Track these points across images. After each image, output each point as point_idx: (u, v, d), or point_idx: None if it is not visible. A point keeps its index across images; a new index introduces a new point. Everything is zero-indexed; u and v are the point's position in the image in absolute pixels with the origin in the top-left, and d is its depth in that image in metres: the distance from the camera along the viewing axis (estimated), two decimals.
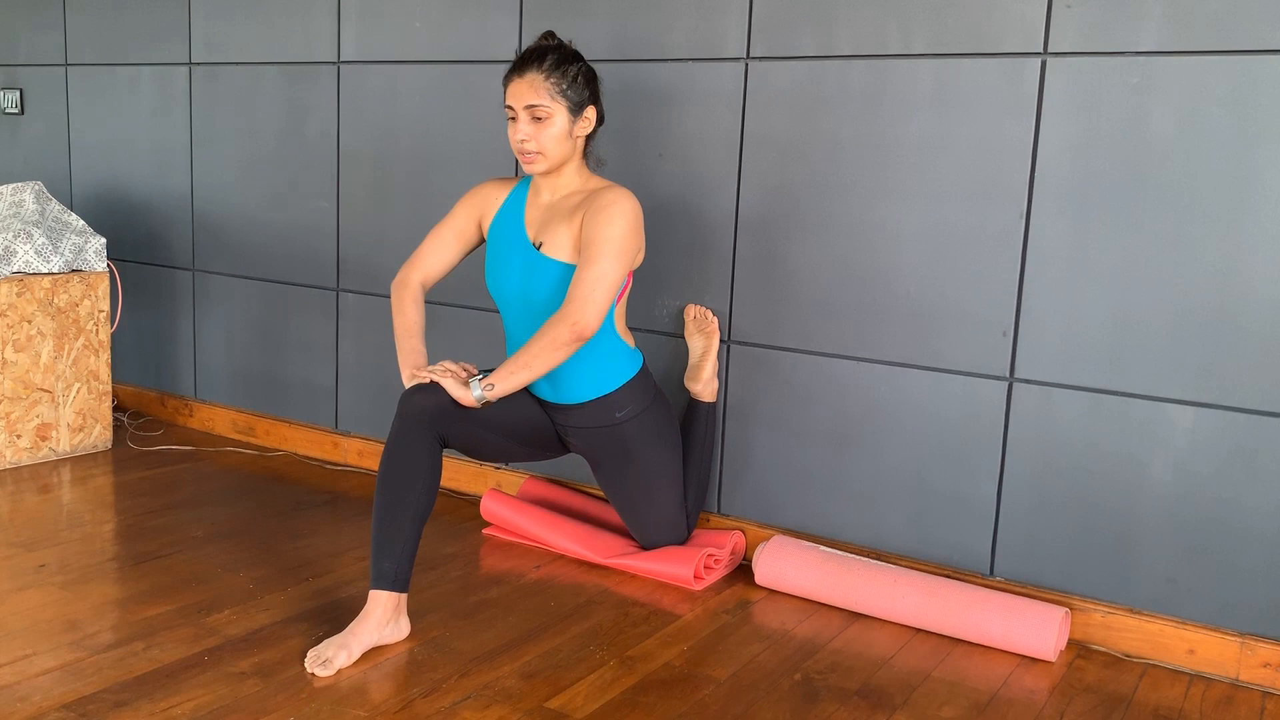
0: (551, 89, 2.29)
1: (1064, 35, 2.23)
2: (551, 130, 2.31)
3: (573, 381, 2.42)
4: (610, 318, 2.42)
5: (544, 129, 2.30)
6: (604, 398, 2.43)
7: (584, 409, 2.44)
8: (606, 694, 2.01)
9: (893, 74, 2.41)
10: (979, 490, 2.41)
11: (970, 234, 2.36)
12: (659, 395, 2.53)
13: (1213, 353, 2.16)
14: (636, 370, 2.48)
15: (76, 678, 1.97)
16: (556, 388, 2.44)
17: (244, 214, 3.50)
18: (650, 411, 2.48)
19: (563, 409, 2.46)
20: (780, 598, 2.49)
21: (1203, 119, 2.12)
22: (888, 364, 2.49)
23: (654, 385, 2.52)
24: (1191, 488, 2.20)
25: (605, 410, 2.44)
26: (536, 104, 2.29)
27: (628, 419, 2.45)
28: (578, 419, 2.46)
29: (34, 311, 3.19)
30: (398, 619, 2.15)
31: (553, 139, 2.31)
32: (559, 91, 2.30)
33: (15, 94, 4.04)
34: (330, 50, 3.24)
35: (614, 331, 2.44)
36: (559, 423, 2.50)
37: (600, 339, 2.41)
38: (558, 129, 2.31)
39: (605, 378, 2.42)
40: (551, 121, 2.30)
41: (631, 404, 2.45)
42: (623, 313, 2.47)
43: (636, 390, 2.46)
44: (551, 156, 2.33)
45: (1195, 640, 2.22)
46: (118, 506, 2.95)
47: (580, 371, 2.41)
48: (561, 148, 2.33)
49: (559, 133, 2.32)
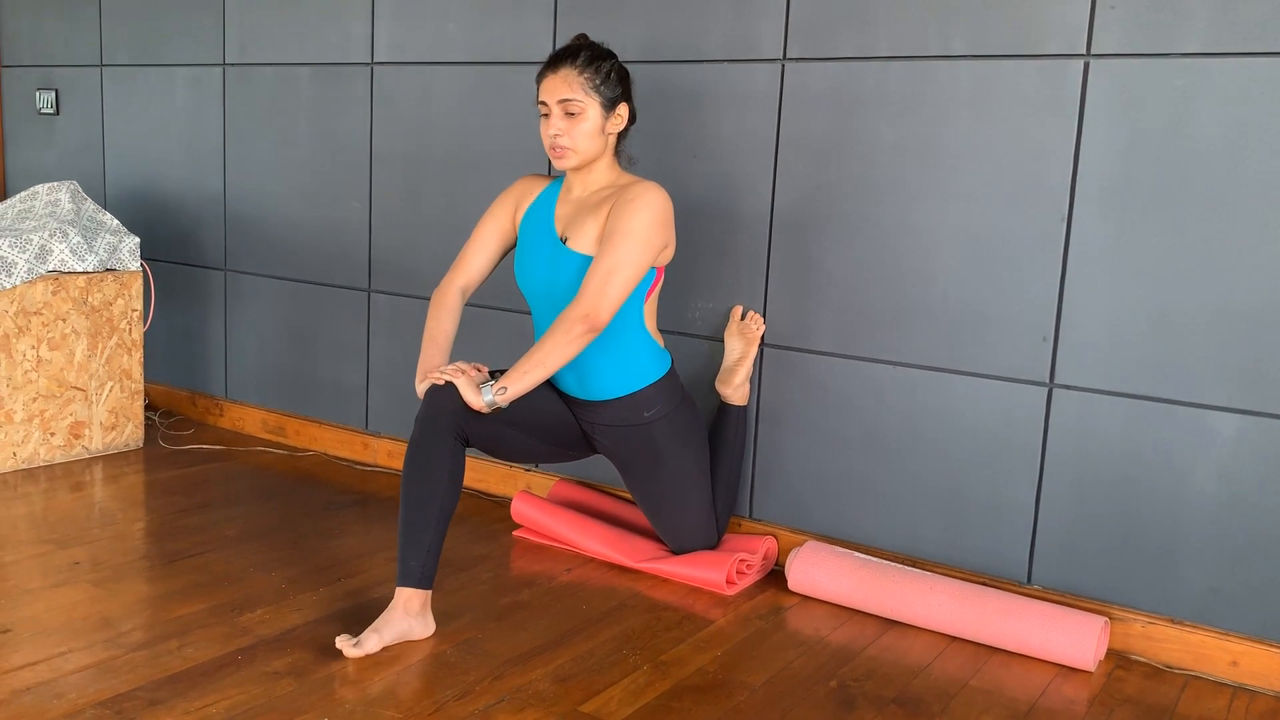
0: (585, 84, 2.29)
1: (1107, 37, 2.20)
2: (584, 125, 2.30)
3: (601, 377, 2.40)
4: (639, 314, 2.41)
5: (576, 124, 2.30)
6: (632, 395, 2.41)
7: (611, 406, 2.43)
8: (640, 699, 1.99)
9: (932, 76, 2.39)
10: (1017, 497, 2.38)
11: (1010, 237, 2.34)
12: (687, 397, 2.51)
13: (1257, 359, 2.12)
14: (665, 370, 2.46)
15: (111, 675, 1.98)
16: (584, 383, 2.43)
17: (276, 214, 3.51)
18: (678, 413, 2.46)
19: (590, 406, 2.45)
20: (814, 604, 2.47)
21: (1249, 122, 2.09)
22: (925, 368, 2.46)
23: (682, 387, 2.51)
24: (1235, 496, 2.17)
25: (633, 409, 2.42)
26: (570, 98, 2.29)
27: (656, 418, 2.43)
28: (605, 417, 2.45)
29: (69, 310, 3.21)
30: (424, 615, 2.16)
31: (585, 134, 2.31)
32: (592, 87, 2.30)
33: (51, 94, 4.07)
34: (364, 51, 3.25)
35: (643, 328, 2.42)
36: (585, 421, 2.48)
37: (629, 335, 2.39)
38: (590, 124, 2.31)
39: (634, 375, 2.41)
40: (584, 116, 2.30)
41: (660, 404, 2.43)
42: (653, 310, 2.46)
43: (665, 390, 2.45)
44: (583, 152, 2.32)
45: (1239, 652, 2.18)
46: (149, 505, 2.95)
47: (609, 367, 2.39)
48: (593, 143, 2.32)
49: (591, 128, 2.31)
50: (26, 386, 3.15)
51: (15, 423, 3.14)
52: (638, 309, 2.40)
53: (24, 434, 3.17)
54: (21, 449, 3.17)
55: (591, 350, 2.35)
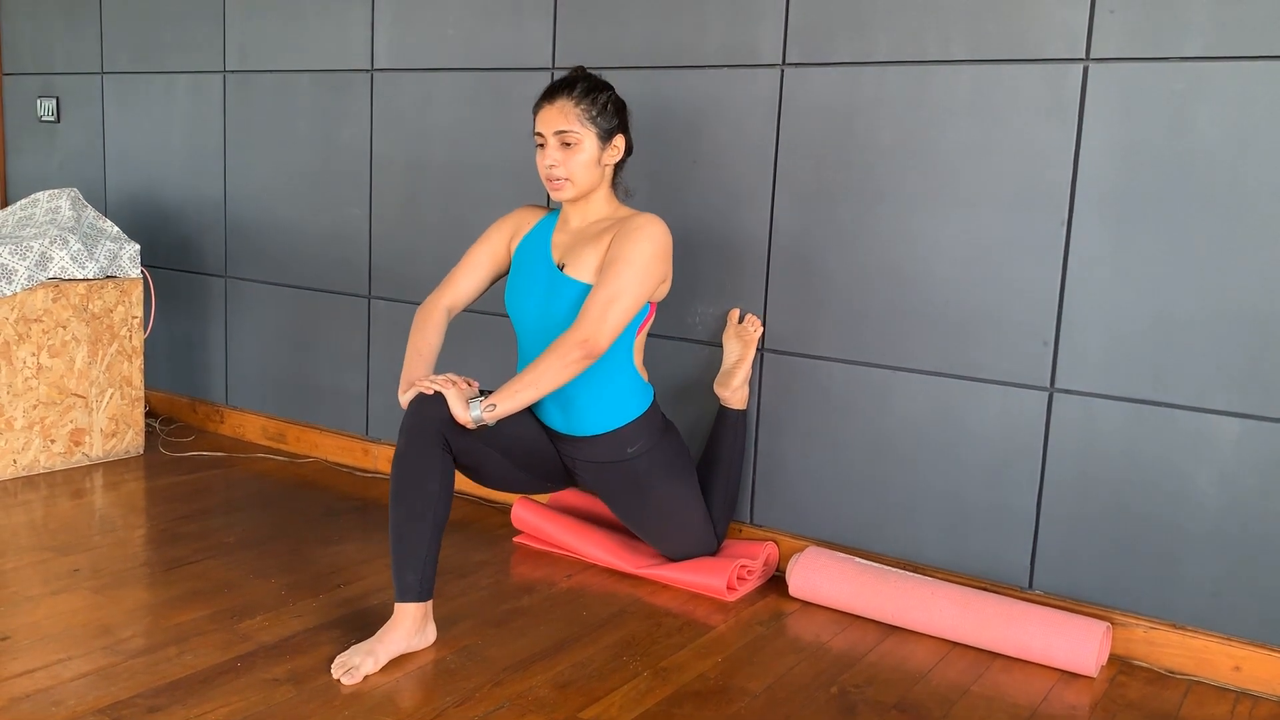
0: (581, 115, 2.29)
1: (1107, 41, 2.20)
2: (580, 157, 2.30)
3: (587, 412, 2.39)
4: (629, 350, 2.40)
5: (572, 155, 2.30)
6: (616, 432, 2.40)
7: (595, 442, 2.42)
8: (641, 705, 1.99)
9: (931, 80, 2.39)
10: (1018, 502, 2.38)
11: (1010, 242, 2.33)
12: (669, 427, 2.50)
13: (1259, 363, 2.12)
14: (648, 405, 2.45)
15: (110, 682, 1.97)
16: (569, 418, 2.41)
17: (277, 221, 3.51)
18: (660, 446, 2.45)
19: (573, 441, 2.44)
20: (815, 610, 2.46)
21: (1249, 126, 2.09)
22: (925, 374, 2.46)
23: (663, 418, 2.50)
24: (1237, 500, 2.16)
25: (617, 445, 2.41)
26: (566, 129, 2.28)
27: (639, 454, 2.42)
28: (588, 453, 2.43)
29: (69, 317, 3.21)
30: (425, 627, 2.14)
31: (581, 165, 2.31)
32: (588, 118, 2.29)
33: (52, 102, 4.07)
34: (364, 58, 3.25)
35: (631, 364, 2.42)
36: (567, 455, 2.47)
37: (618, 371, 2.39)
38: (586, 155, 2.31)
39: (619, 411, 2.40)
40: (580, 148, 2.30)
41: (643, 439, 2.42)
42: (642, 346, 2.45)
43: (647, 425, 2.43)
44: (579, 183, 2.32)
45: (1241, 656, 2.17)
46: (149, 512, 2.95)
47: (595, 403, 2.38)
48: (590, 175, 2.32)
49: (588, 159, 2.31)
50: (27, 393, 3.15)
51: (15, 430, 3.14)
52: (628, 344, 2.39)
53: (24, 441, 3.16)
54: (22, 456, 3.17)
55: (578, 383, 2.34)
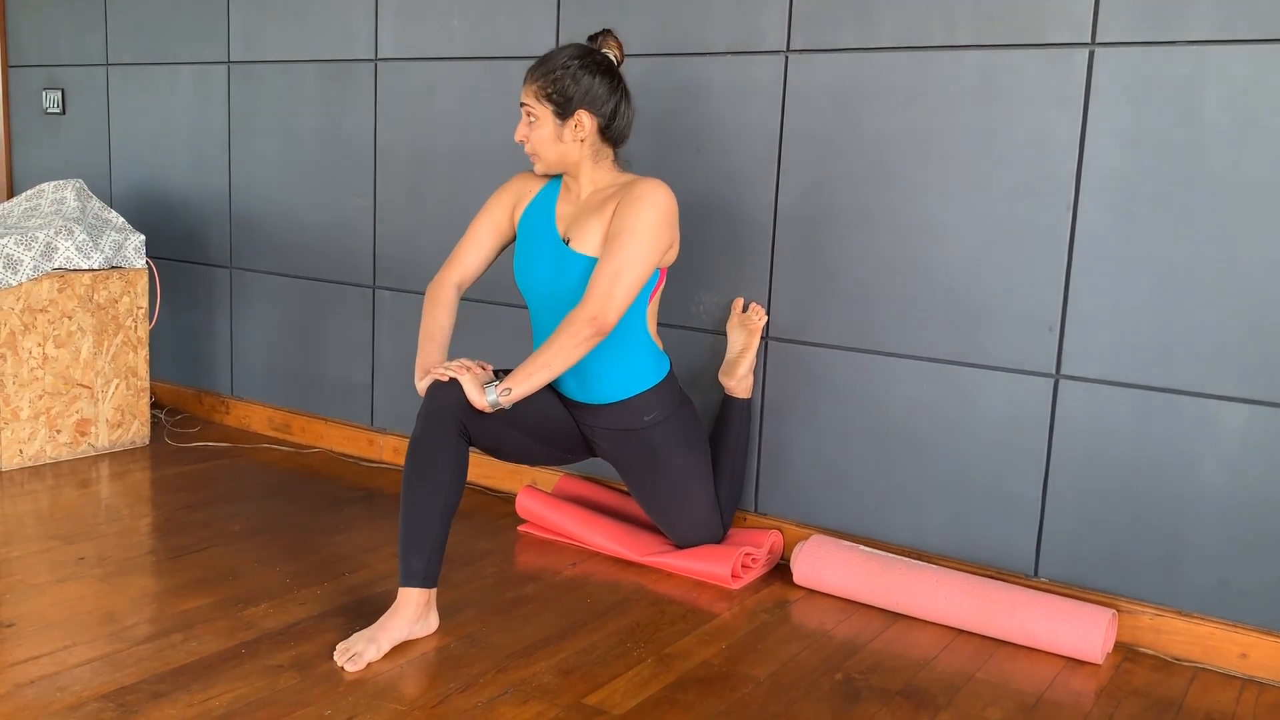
0: (537, 92, 2.30)
1: (1112, 25, 2.18)
2: (540, 132, 2.32)
3: (602, 381, 2.39)
4: (643, 317, 2.40)
5: (535, 131, 2.33)
6: (632, 399, 2.40)
7: (612, 410, 2.42)
8: (644, 691, 1.98)
9: (936, 66, 2.37)
10: (1024, 489, 2.37)
11: (1016, 228, 2.32)
12: (685, 399, 2.50)
13: (1265, 349, 2.11)
14: (665, 374, 2.45)
15: (115, 669, 1.97)
16: (585, 387, 2.42)
17: (281, 212, 3.51)
18: (677, 416, 2.45)
19: (590, 409, 2.44)
20: (819, 597, 2.46)
21: (1256, 110, 2.07)
22: (930, 360, 2.45)
23: (680, 390, 2.49)
24: (1243, 487, 2.15)
25: (633, 413, 2.41)
26: (525, 103, 2.32)
27: (655, 423, 2.42)
28: (605, 420, 2.44)
29: (74, 308, 3.21)
30: (427, 615, 2.14)
31: (541, 140, 2.32)
32: (544, 95, 2.30)
33: (57, 94, 4.08)
34: (368, 48, 3.25)
35: (645, 331, 2.41)
36: (585, 424, 2.47)
37: (631, 338, 2.38)
38: (545, 132, 2.31)
39: (635, 378, 2.40)
40: (540, 124, 2.32)
41: (659, 408, 2.42)
42: (655, 313, 2.44)
43: (664, 394, 2.44)
44: (545, 158, 2.34)
45: (1248, 644, 2.16)
46: (155, 501, 2.96)
47: (610, 371, 2.38)
48: (551, 149, 2.32)
49: (547, 135, 2.32)
50: (32, 384, 3.16)
51: (21, 420, 3.15)
52: (640, 312, 2.39)
53: (30, 431, 3.17)
54: (28, 446, 3.18)
55: (594, 353, 2.34)
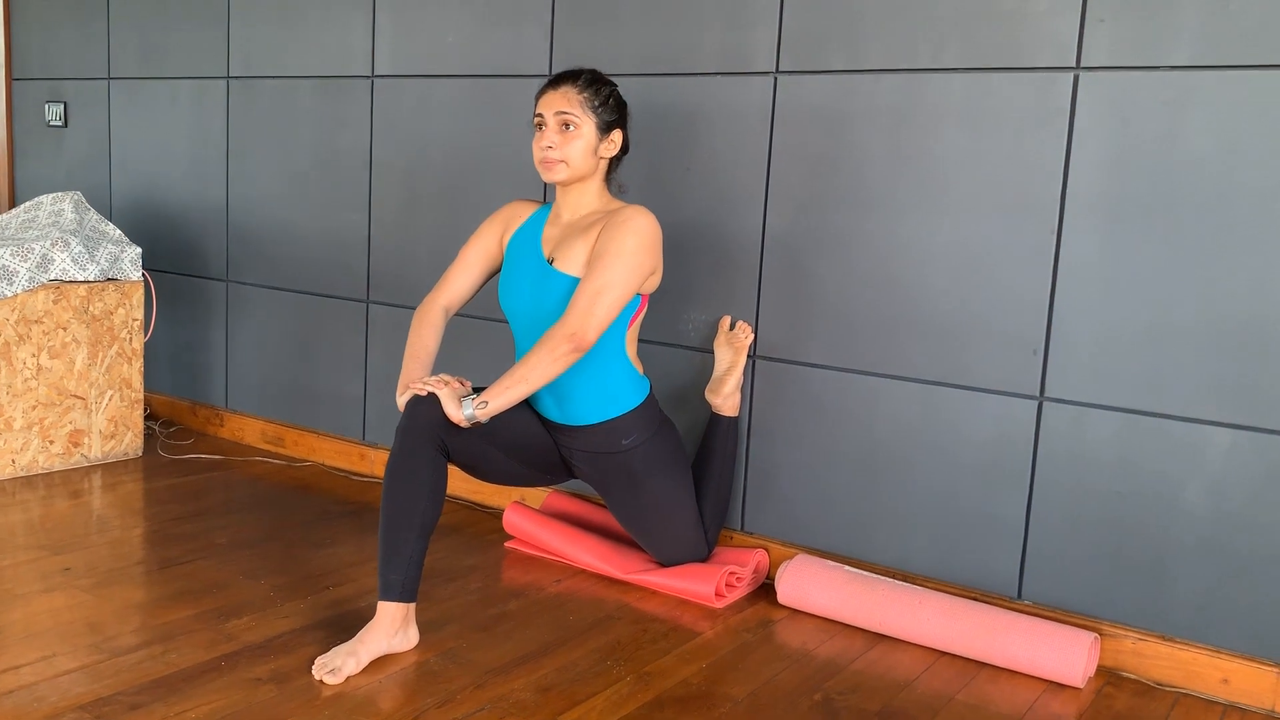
0: (584, 102, 2.31)
1: (1097, 50, 2.20)
2: (578, 142, 2.32)
3: (580, 402, 2.40)
4: (622, 340, 2.41)
5: (570, 139, 2.31)
6: (611, 421, 2.41)
7: (591, 432, 2.42)
8: (622, 709, 1.98)
9: (923, 88, 2.39)
10: (1008, 511, 2.37)
11: (1001, 250, 2.33)
12: (666, 423, 2.51)
13: (1249, 373, 2.11)
14: (644, 398, 2.45)
15: (94, 679, 1.98)
16: (563, 408, 2.42)
17: (277, 226, 3.53)
18: (656, 440, 2.46)
19: (568, 431, 2.44)
20: (803, 618, 2.45)
21: (1238, 135, 2.08)
22: (916, 381, 2.45)
23: (660, 413, 2.50)
24: (1227, 512, 2.15)
25: (612, 436, 2.42)
26: (568, 112, 2.30)
27: (634, 446, 2.43)
28: (583, 442, 2.44)
29: (69, 319, 3.23)
30: (406, 629, 2.14)
31: (578, 151, 2.32)
32: (590, 107, 2.32)
33: (60, 107, 4.11)
34: (365, 65, 3.27)
35: (624, 355, 2.42)
36: (564, 445, 2.48)
37: (610, 361, 2.39)
38: (584, 142, 2.32)
39: (613, 401, 2.41)
40: (579, 133, 2.31)
41: (638, 431, 2.43)
42: (635, 338, 2.45)
43: (643, 418, 2.44)
44: (574, 167, 2.33)
45: (1230, 669, 2.15)
46: (146, 513, 2.97)
47: (588, 392, 2.39)
48: (584, 162, 2.33)
49: (585, 146, 2.32)
50: (26, 394, 3.17)
51: (15, 430, 3.16)
52: (620, 335, 2.40)
53: (23, 441, 3.19)
54: (20, 456, 3.19)
55: (572, 374, 2.35)
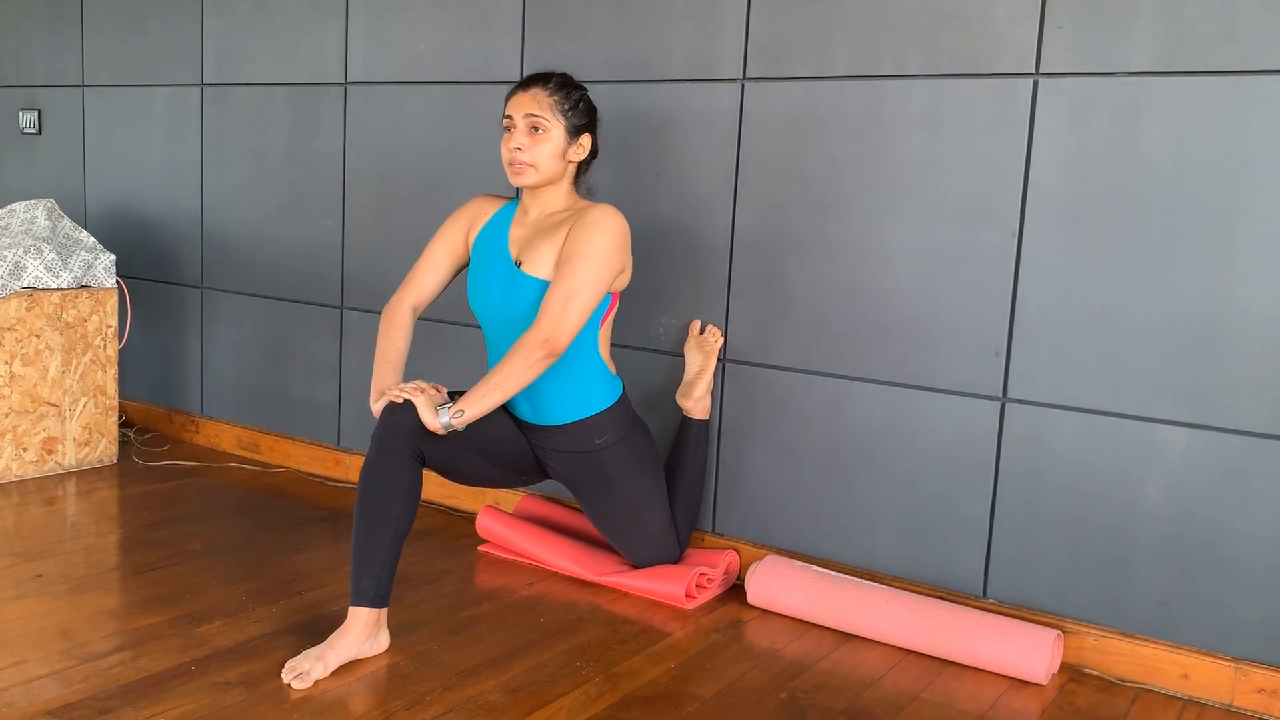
0: (554, 105, 2.33)
1: (1056, 56, 2.23)
2: (546, 145, 2.33)
3: (554, 403, 2.42)
4: (594, 340, 2.42)
5: (539, 142, 2.33)
6: (584, 421, 2.43)
7: (564, 432, 2.44)
8: (589, 709, 2.00)
9: (887, 95, 2.42)
10: (973, 511, 2.40)
11: (963, 253, 2.36)
12: (639, 423, 2.53)
13: (1205, 373, 2.14)
14: (617, 397, 2.48)
15: (64, 685, 1.99)
16: (537, 409, 2.44)
17: (252, 232, 3.54)
18: (629, 439, 2.48)
19: (542, 431, 2.46)
20: (772, 618, 2.48)
21: (1194, 139, 2.12)
22: (882, 383, 2.48)
23: (633, 413, 2.52)
24: (1184, 510, 2.18)
25: (585, 435, 2.43)
26: (537, 114, 2.32)
27: (607, 445, 2.45)
28: (558, 442, 2.46)
29: (43, 326, 3.23)
30: (377, 634, 2.15)
31: (546, 154, 2.33)
32: (560, 110, 2.33)
33: (33, 114, 4.11)
34: (338, 71, 3.29)
35: (597, 354, 2.44)
36: (538, 446, 2.49)
37: (583, 361, 2.41)
38: (553, 145, 2.34)
39: (587, 401, 2.43)
40: (548, 136, 2.33)
41: (611, 430, 2.45)
42: (607, 336, 2.48)
43: (616, 417, 2.46)
44: (543, 170, 2.34)
45: (1189, 665, 2.19)
46: (120, 519, 2.97)
47: (562, 393, 2.41)
48: (553, 165, 2.35)
49: (554, 149, 2.34)
50: None
51: None
52: (592, 335, 2.42)
53: None
54: None
55: (546, 375, 2.35)
